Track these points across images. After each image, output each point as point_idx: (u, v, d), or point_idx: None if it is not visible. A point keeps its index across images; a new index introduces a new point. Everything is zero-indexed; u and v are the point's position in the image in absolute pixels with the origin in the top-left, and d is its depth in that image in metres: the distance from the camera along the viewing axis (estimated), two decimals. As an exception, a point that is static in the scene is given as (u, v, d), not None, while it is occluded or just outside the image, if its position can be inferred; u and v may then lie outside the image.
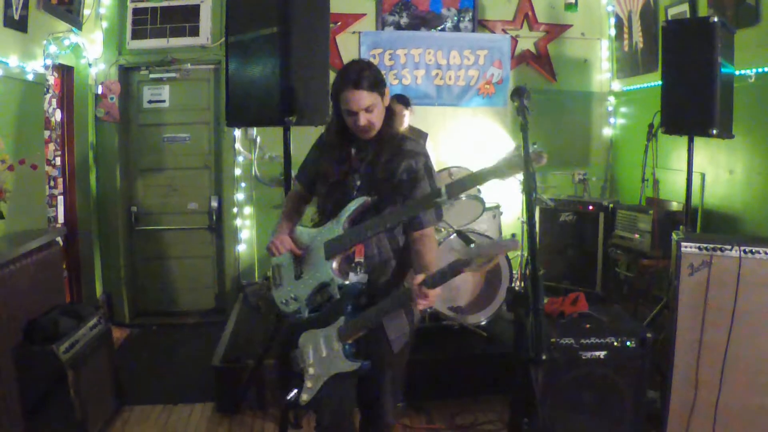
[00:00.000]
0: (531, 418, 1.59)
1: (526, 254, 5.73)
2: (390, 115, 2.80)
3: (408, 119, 5.10)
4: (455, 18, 6.36)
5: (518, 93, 1.91)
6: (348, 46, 6.24)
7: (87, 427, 3.68)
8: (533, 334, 1.56)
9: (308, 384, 2.70)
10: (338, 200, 2.75)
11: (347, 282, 2.68)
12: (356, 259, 2.69)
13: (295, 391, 2.74)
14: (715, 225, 4.91)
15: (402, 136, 2.83)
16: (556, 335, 3.43)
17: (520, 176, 2.05)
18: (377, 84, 2.70)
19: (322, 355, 2.65)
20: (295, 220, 3.01)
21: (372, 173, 2.74)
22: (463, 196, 4.65)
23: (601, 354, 3.44)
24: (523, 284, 5.36)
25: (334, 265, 2.71)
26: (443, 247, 4.42)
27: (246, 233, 6.28)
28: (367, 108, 2.66)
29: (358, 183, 2.77)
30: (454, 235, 4.57)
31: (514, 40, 6.44)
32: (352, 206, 2.69)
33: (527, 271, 1.72)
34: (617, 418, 3.49)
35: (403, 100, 5.06)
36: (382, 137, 2.76)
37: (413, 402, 4.24)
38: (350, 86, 2.64)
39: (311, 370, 2.69)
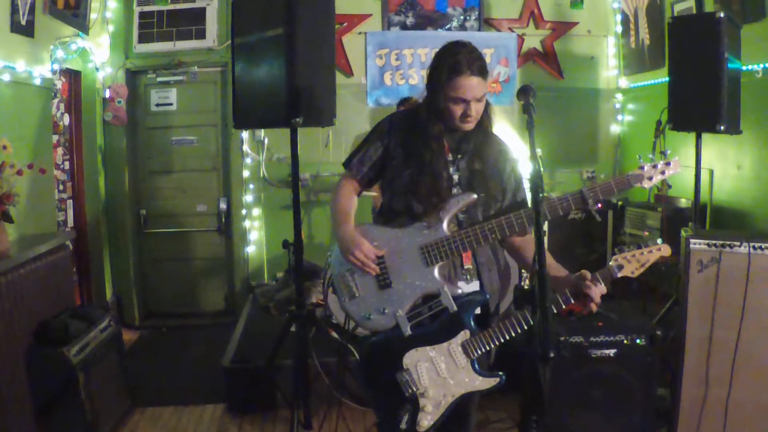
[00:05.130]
0: (539, 416, 1.59)
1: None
2: (487, 105, 2.54)
3: None
4: (461, 17, 6.36)
5: (524, 92, 1.91)
6: (354, 47, 6.25)
7: (97, 429, 3.70)
8: (540, 332, 1.56)
9: (428, 408, 2.44)
10: (431, 196, 2.48)
11: (460, 291, 2.47)
12: (465, 266, 2.51)
13: (406, 417, 2.44)
14: (725, 221, 4.88)
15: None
16: (565, 333, 3.43)
17: (527, 174, 2.08)
18: (487, 70, 2.46)
19: (443, 375, 2.43)
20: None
21: (476, 169, 2.53)
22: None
23: (611, 352, 3.44)
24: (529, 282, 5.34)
25: (436, 272, 2.47)
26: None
27: (255, 234, 6.30)
28: (479, 98, 2.43)
29: (456, 178, 2.54)
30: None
31: (521, 39, 6.43)
32: (458, 203, 2.47)
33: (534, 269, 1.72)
34: (627, 416, 3.48)
35: None
36: (482, 130, 2.56)
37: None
38: (466, 71, 2.38)
39: (431, 392, 2.43)
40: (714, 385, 3.45)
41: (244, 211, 6.30)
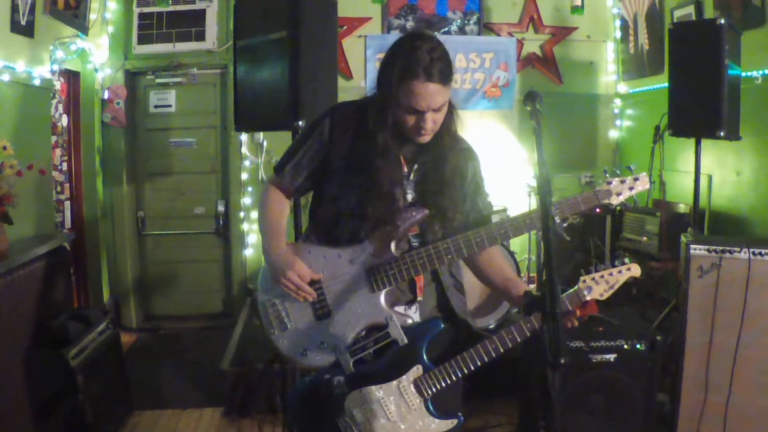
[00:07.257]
0: (548, 421, 1.59)
1: (534, 257, 5.73)
2: (451, 111, 2.15)
3: None
4: (461, 21, 6.36)
5: (531, 97, 1.89)
6: (354, 50, 6.24)
7: (96, 431, 3.68)
8: (552, 338, 1.55)
9: None
10: (378, 214, 2.11)
11: (410, 321, 2.16)
12: (418, 297, 2.21)
13: None
14: (723, 227, 4.89)
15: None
16: (565, 338, 3.42)
17: (532, 180, 2.07)
18: (450, 73, 2.04)
19: (393, 418, 2.11)
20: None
21: (434, 182, 2.16)
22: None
23: (611, 357, 3.43)
24: (537, 287, 5.34)
25: (383, 299, 2.16)
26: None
27: (253, 237, 6.28)
28: (438, 108, 2.03)
29: (409, 195, 2.18)
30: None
31: (520, 43, 6.44)
32: (407, 220, 2.14)
33: (544, 275, 1.71)
34: (627, 421, 3.48)
35: None
36: (441, 138, 2.15)
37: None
38: (421, 75, 1.96)
39: None
40: (714, 390, 3.46)
41: (242, 214, 6.28)
